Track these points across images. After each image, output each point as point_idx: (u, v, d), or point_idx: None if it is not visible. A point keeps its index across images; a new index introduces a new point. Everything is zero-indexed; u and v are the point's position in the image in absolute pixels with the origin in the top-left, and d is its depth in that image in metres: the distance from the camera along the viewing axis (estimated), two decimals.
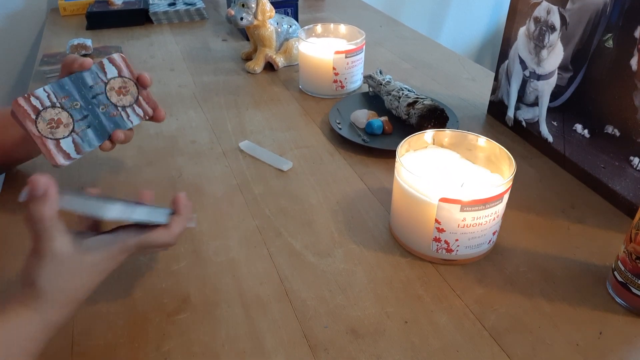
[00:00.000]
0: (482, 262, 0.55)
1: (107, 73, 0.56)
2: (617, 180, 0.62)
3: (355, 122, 0.80)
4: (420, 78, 1.00)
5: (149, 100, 0.60)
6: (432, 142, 0.60)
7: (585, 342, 0.46)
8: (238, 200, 0.65)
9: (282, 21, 1.03)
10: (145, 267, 0.54)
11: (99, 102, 0.56)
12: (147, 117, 0.60)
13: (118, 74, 0.57)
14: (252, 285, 0.52)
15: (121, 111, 0.56)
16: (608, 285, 0.51)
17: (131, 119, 0.58)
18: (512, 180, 0.52)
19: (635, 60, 0.56)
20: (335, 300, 0.51)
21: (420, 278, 0.53)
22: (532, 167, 0.71)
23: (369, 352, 0.45)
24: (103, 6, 1.30)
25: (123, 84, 0.57)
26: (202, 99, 0.91)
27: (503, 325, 0.48)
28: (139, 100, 0.57)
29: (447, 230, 0.52)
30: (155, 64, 1.06)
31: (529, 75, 0.74)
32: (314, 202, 0.65)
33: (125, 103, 0.56)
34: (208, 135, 0.80)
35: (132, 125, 0.59)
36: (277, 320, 0.49)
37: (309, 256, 0.56)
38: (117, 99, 0.56)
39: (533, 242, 0.58)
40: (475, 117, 0.85)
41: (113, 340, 0.47)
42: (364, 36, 0.91)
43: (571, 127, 0.67)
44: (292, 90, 0.95)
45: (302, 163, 0.73)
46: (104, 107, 0.55)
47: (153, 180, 0.69)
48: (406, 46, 1.16)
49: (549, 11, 0.67)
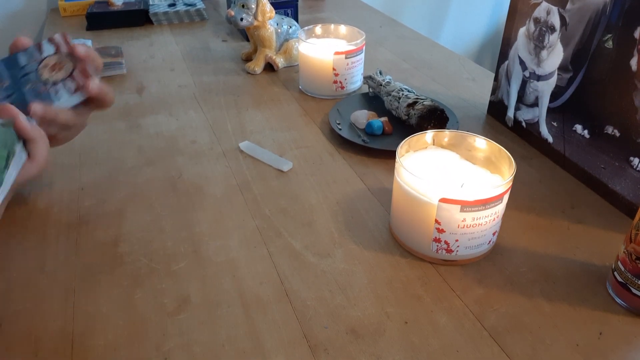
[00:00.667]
0: (482, 262, 0.55)
1: (43, 52, 0.54)
2: (617, 181, 0.62)
3: (355, 122, 0.80)
4: (420, 78, 1.00)
5: (85, 74, 0.54)
6: (432, 142, 0.61)
7: (585, 342, 0.46)
8: (238, 200, 0.65)
9: (282, 22, 1.03)
10: (145, 267, 0.55)
11: (27, 80, 0.53)
12: (82, 93, 0.54)
13: (55, 51, 0.54)
14: (252, 285, 0.52)
15: (49, 87, 0.52)
16: (608, 285, 0.51)
17: (59, 94, 0.53)
18: (512, 181, 0.52)
19: (635, 61, 0.56)
20: (335, 301, 0.51)
21: (420, 278, 0.53)
22: (532, 167, 0.71)
23: (369, 352, 0.45)
24: (103, 7, 1.30)
25: (58, 60, 0.53)
26: (202, 99, 0.91)
27: (503, 325, 0.48)
28: (72, 75, 0.53)
29: (447, 230, 0.52)
30: (155, 64, 1.06)
31: (528, 76, 0.74)
32: (314, 202, 0.65)
33: (57, 78, 0.52)
34: (208, 135, 0.80)
35: (62, 102, 0.53)
36: (277, 320, 0.49)
37: (309, 256, 0.56)
38: (50, 75, 0.52)
39: (533, 242, 0.58)
40: (475, 118, 0.85)
41: (113, 340, 0.47)
42: (364, 37, 0.91)
43: (571, 128, 0.67)
44: (292, 90, 0.95)
45: (302, 163, 0.73)
46: (31, 85, 0.52)
47: (153, 180, 0.69)
48: (406, 46, 1.17)
49: (548, 12, 0.67)
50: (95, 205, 0.64)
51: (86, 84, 0.55)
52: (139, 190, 0.67)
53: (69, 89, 0.54)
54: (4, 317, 0.49)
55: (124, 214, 0.62)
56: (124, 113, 0.87)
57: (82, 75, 0.54)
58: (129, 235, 0.59)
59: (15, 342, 0.46)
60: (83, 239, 0.58)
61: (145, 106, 0.89)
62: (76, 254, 0.56)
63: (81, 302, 0.50)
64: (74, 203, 0.64)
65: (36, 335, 0.47)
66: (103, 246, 0.57)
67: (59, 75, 0.53)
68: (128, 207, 0.64)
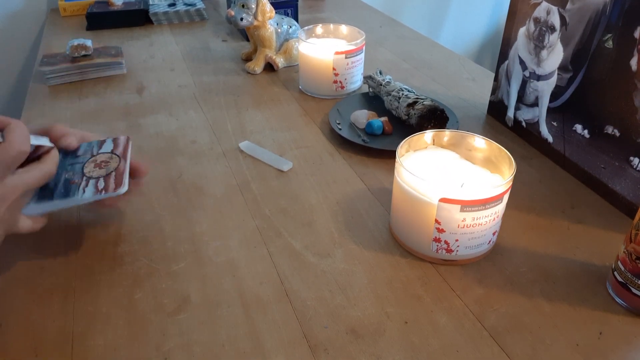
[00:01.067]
0: (482, 262, 0.55)
1: (102, 148, 0.53)
2: (617, 181, 0.62)
3: (355, 122, 0.80)
4: (420, 78, 1.00)
5: (118, 177, 0.51)
6: (432, 142, 0.60)
7: (585, 342, 0.46)
8: (238, 200, 0.65)
9: (282, 22, 1.03)
10: (145, 267, 0.54)
11: (72, 169, 0.51)
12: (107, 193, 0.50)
13: (111, 150, 0.53)
14: (252, 285, 0.52)
15: (82, 181, 0.49)
16: (608, 285, 0.51)
17: (86, 190, 0.49)
18: (512, 181, 0.52)
19: (635, 61, 0.56)
20: (335, 301, 0.51)
21: (420, 278, 0.53)
22: (532, 167, 0.71)
23: (369, 352, 0.45)
24: (103, 7, 1.30)
25: (108, 158, 0.51)
26: (202, 99, 0.91)
27: (503, 325, 0.48)
28: (109, 175, 0.50)
29: (447, 230, 0.52)
30: (155, 64, 1.06)
31: (528, 76, 0.74)
32: (314, 202, 0.65)
33: (93, 174, 0.50)
34: (208, 135, 0.80)
35: (84, 198, 0.49)
36: (277, 320, 0.49)
37: (309, 256, 0.56)
38: (89, 169, 0.50)
39: (533, 242, 0.58)
40: (475, 118, 0.85)
41: (113, 340, 0.47)
42: (364, 37, 0.91)
43: (571, 128, 0.67)
44: (292, 90, 0.95)
45: (302, 163, 0.73)
46: (70, 175, 0.50)
47: (153, 180, 0.69)
48: (406, 46, 1.17)
49: (548, 12, 0.67)
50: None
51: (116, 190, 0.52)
52: (139, 190, 0.67)
53: (98, 186, 0.51)
54: (4, 317, 0.49)
55: (124, 214, 0.62)
56: (124, 113, 0.87)
57: (117, 178, 0.51)
58: (129, 235, 0.59)
59: (15, 342, 0.46)
60: (83, 239, 0.58)
61: (145, 106, 0.89)
62: (76, 254, 0.56)
63: (81, 302, 0.50)
64: None
65: (36, 335, 0.47)
66: (103, 246, 0.57)
67: (97, 172, 0.51)
68: (128, 207, 0.64)
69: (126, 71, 1.02)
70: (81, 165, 0.50)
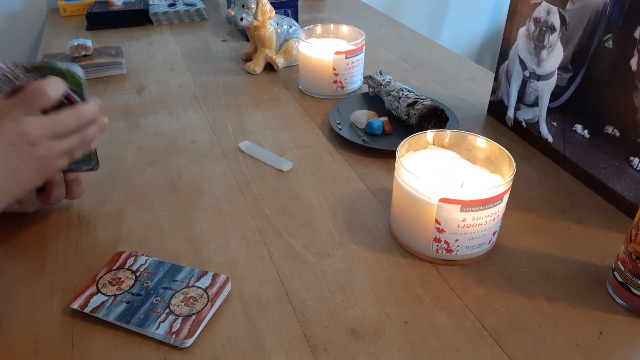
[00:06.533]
0: (482, 262, 0.55)
1: (200, 280, 0.51)
2: (617, 181, 0.62)
3: (355, 122, 0.80)
4: (420, 78, 1.00)
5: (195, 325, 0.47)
6: (432, 142, 0.60)
7: (585, 342, 0.46)
8: (238, 200, 0.65)
9: (282, 22, 1.03)
10: None
11: (162, 293, 0.50)
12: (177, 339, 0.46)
13: (205, 288, 0.50)
14: (252, 285, 0.52)
15: (163, 313, 0.48)
16: (608, 285, 0.51)
17: (160, 326, 0.47)
18: (512, 181, 0.52)
19: (635, 61, 0.56)
20: (335, 301, 0.51)
21: (420, 278, 0.53)
22: (532, 167, 0.71)
23: (369, 352, 0.45)
24: (103, 7, 1.30)
25: (198, 296, 0.50)
26: (202, 99, 0.91)
27: (503, 325, 0.48)
28: (189, 318, 0.47)
29: (447, 230, 0.52)
30: (155, 64, 1.06)
31: (528, 76, 0.74)
32: (314, 202, 0.65)
33: (176, 310, 0.48)
34: (208, 135, 0.80)
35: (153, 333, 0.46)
36: (277, 320, 0.49)
37: (309, 256, 0.56)
38: (176, 302, 0.49)
39: (533, 242, 0.58)
40: (475, 118, 0.85)
41: (113, 340, 0.47)
42: (364, 37, 0.91)
43: (571, 128, 0.67)
44: (292, 90, 0.95)
45: (302, 163, 0.73)
46: (158, 300, 0.49)
47: (153, 180, 0.69)
48: (406, 46, 1.17)
49: (548, 12, 0.67)
50: (95, 205, 0.64)
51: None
52: (139, 190, 0.67)
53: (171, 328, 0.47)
54: (4, 317, 0.49)
55: (124, 214, 0.62)
56: (124, 113, 0.87)
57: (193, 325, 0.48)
58: (129, 235, 0.59)
59: (15, 342, 0.46)
60: (83, 239, 0.58)
61: (145, 106, 0.89)
62: (76, 254, 0.56)
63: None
64: (74, 203, 0.64)
65: (36, 335, 0.47)
66: (103, 246, 0.57)
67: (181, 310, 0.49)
68: (128, 207, 0.64)
69: (126, 71, 1.02)
70: (172, 294, 0.50)
